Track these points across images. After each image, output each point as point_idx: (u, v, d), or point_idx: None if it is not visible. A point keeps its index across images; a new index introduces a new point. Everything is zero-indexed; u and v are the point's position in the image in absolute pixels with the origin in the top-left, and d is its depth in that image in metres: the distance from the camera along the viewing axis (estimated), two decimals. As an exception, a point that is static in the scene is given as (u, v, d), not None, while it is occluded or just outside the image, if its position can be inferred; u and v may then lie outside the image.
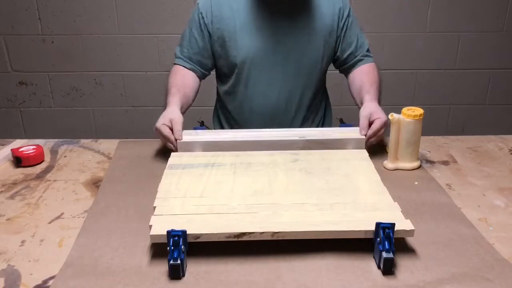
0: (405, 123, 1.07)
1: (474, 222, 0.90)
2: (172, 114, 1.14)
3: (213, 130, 1.35)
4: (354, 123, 1.27)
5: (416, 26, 2.22)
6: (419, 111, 1.07)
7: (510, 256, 0.80)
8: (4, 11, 2.13)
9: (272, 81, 1.30)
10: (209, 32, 1.28)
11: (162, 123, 1.11)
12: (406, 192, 1.01)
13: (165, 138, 1.12)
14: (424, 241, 0.83)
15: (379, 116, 1.13)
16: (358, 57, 1.34)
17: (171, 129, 1.11)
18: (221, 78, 1.39)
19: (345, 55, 1.34)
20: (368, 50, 1.36)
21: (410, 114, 1.06)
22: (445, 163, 1.16)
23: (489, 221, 0.92)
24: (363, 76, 1.30)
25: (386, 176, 1.06)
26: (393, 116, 1.07)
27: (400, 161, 1.12)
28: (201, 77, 1.35)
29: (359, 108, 1.20)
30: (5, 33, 2.17)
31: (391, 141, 1.10)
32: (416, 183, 1.06)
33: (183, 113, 1.19)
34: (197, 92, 1.33)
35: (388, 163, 1.12)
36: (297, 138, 1.14)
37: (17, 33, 2.17)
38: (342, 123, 1.34)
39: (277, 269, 0.76)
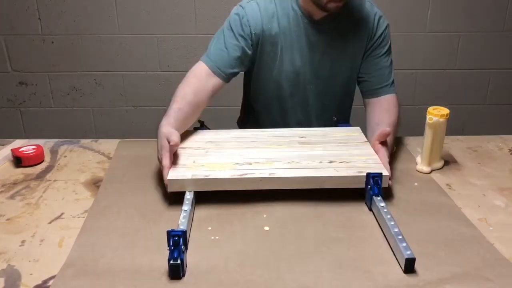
0: (439, 124, 1.08)
1: (474, 222, 0.90)
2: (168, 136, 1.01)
3: (213, 130, 1.35)
4: (352, 123, 1.27)
5: (416, 26, 2.22)
6: (445, 110, 1.08)
7: (511, 256, 0.80)
8: (4, 11, 2.13)
9: (304, 99, 1.33)
10: (251, 42, 1.22)
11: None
12: (406, 192, 1.01)
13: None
14: (424, 241, 0.83)
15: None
16: (380, 85, 1.28)
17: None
18: (254, 92, 1.38)
19: (366, 78, 1.30)
20: (392, 81, 1.30)
21: (443, 114, 1.07)
22: (445, 163, 1.16)
23: (489, 221, 0.92)
24: (383, 115, 1.22)
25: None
26: (433, 119, 1.07)
27: (432, 162, 1.12)
28: (226, 80, 1.22)
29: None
30: (5, 33, 2.17)
31: (426, 144, 1.10)
32: (416, 183, 1.06)
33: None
34: (203, 107, 1.20)
35: (424, 167, 1.11)
36: (297, 138, 1.14)
37: (17, 33, 2.17)
38: (341, 123, 1.33)
39: (277, 269, 0.76)
